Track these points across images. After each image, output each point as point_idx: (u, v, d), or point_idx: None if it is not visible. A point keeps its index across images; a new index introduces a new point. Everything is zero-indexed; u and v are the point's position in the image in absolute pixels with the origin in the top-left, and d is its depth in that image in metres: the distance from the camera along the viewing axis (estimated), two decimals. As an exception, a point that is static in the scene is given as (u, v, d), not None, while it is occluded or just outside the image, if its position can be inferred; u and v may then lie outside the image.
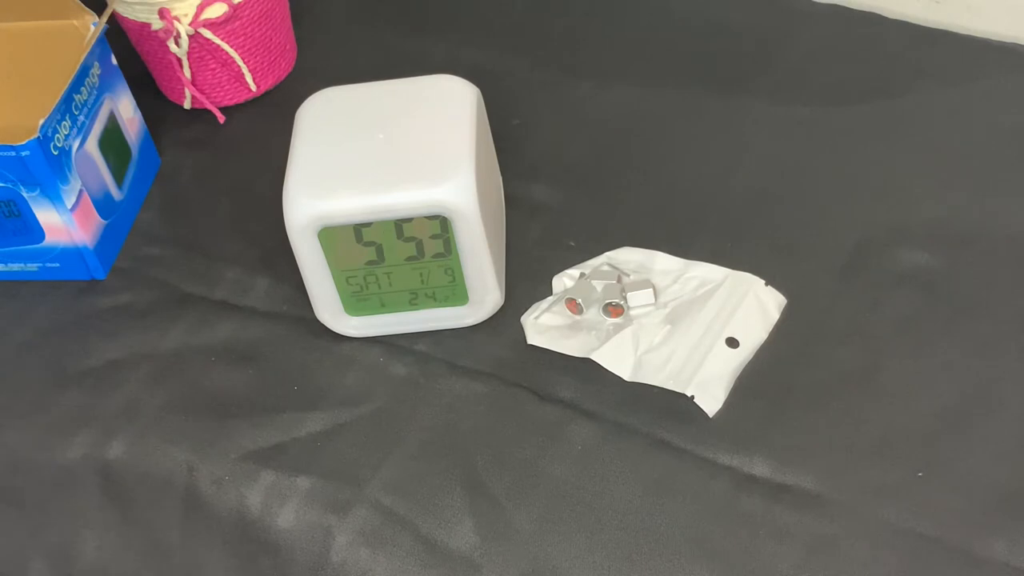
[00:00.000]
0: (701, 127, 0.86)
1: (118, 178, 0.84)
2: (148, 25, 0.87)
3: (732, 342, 0.71)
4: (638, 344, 0.72)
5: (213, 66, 0.90)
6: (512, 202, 0.82)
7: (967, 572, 0.62)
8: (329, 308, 0.74)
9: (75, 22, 0.84)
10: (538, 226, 0.80)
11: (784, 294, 0.74)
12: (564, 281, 0.76)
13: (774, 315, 0.73)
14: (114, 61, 0.83)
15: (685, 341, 0.71)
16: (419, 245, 0.71)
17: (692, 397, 0.69)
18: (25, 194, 0.76)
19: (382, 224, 0.70)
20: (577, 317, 0.74)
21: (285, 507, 0.69)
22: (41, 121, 0.74)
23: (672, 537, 0.64)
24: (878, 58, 0.89)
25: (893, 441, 0.67)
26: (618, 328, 0.73)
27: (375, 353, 0.75)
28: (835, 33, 0.91)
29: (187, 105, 0.92)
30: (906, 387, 0.69)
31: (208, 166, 0.89)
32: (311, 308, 0.75)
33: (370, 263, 0.72)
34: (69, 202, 0.77)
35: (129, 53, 0.91)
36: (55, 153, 0.75)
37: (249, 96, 0.93)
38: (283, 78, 0.94)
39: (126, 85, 0.85)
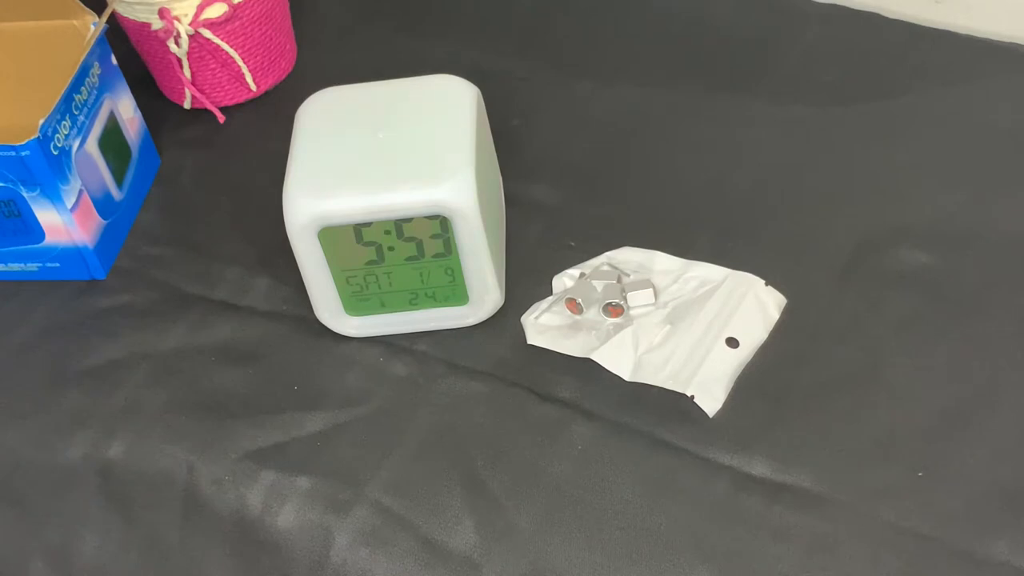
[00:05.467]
0: (701, 127, 0.86)
1: (118, 178, 0.84)
2: (148, 25, 0.87)
3: (732, 342, 0.71)
4: (638, 344, 0.72)
5: (213, 66, 0.90)
6: (512, 202, 0.82)
7: (967, 572, 0.62)
8: (329, 308, 0.74)
9: (75, 22, 0.84)
10: (538, 226, 0.80)
11: (784, 294, 0.74)
12: (564, 281, 0.76)
13: (774, 315, 0.73)
14: (114, 61, 0.83)
15: (685, 341, 0.71)
16: (419, 245, 0.71)
17: (692, 397, 0.69)
18: (25, 194, 0.76)
19: (382, 224, 0.70)
20: (577, 317, 0.74)
21: (285, 507, 0.69)
22: (41, 121, 0.74)
23: (672, 537, 0.64)
24: (878, 58, 0.89)
25: (893, 441, 0.67)
26: (618, 328, 0.73)
27: (375, 353, 0.75)
28: (835, 33, 0.91)
29: (187, 105, 0.92)
30: (906, 387, 0.69)
31: (208, 166, 0.89)
32: (311, 308, 0.75)
33: (370, 263, 0.72)
34: (69, 202, 0.77)
35: (129, 53, 0.91)
36: (55, 153, 0.75)
37: (249, 96, 0.93)
38: (283, 78, 0.95)
39: (126, 85, 0.85)
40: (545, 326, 0.74)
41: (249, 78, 0.91)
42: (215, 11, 0.87)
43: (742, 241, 0.77)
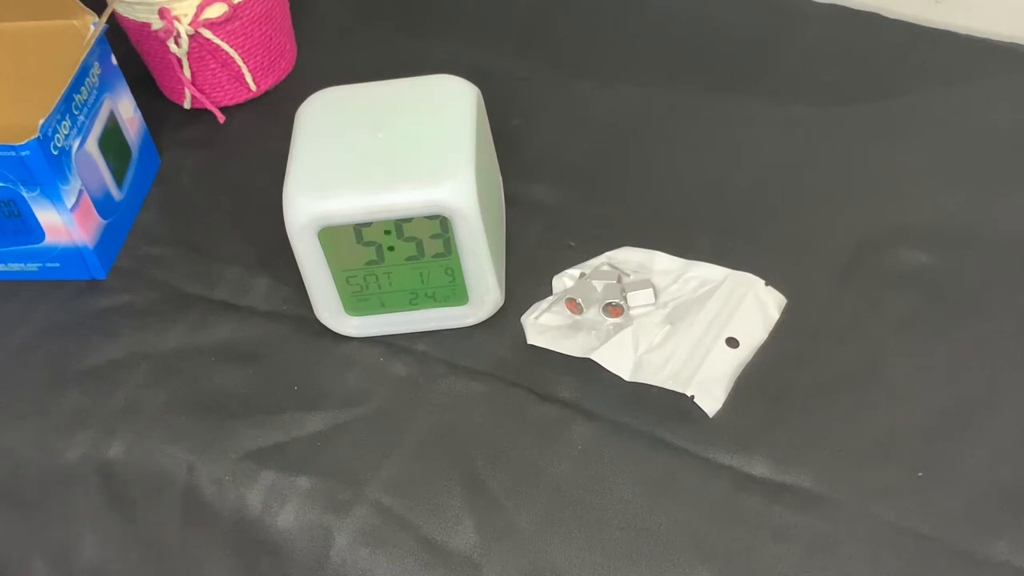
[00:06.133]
0: (701, 127, 0.86)
1: (118, 178, 0.84)
2: (148, 25, 0.87)
3: (732, 342, 0.71)
4: (638, 344, 0.72)
5: (213, 66, 0.90)
6: (512, 202, 0.82)
7: (967, 572, 0.62)
8: (329, 308, 0.74)
9: (75, 22, 0.84)
10: (538, 226, 0.80)
11: (784, 294, 0.74)
12: (564, 281, 0.76)
13: (774, 315, 0.73)
14: (114, 61, 0.83)
15: (685, 341, 0.71)
16: (419, 245, 0.71)
17: (692, 397, 0.69)
18: (25, 194, 0.76)
19: (382, 224, 0.70)
20: (577, 317, 0.74)
21: (285, 507, 0.69)
22: (41, 121, 0.74)
23: (672, 537, 0.64)
24: (878, 58, 0.89)
25: (893, 441, 0.67)
26: (618, 328, 0.73)
27: (375, 353, 0.75)
28: (835, 33, 0.91)
29: (187, 105, 0.92)
30: (906, 387, 0.69)
31: (208, 166, 0.89)
32: (311, 308, 0.75)
33: (370, 263, 0.72)
34: (69, 202, 0.77)
35: (129, 53, 0.91)
36: (55, 153, 0.75)
37: (249, 96, 0.93)
38: (283, 78, 0.95)
39: (126, 85, 0.85)
40: (545, 326, 0.74)
41: (249, 78, 0.91)
42: (215, 11, 0.87)
43: (742, 241, 0.77)
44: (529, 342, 0.74)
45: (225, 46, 0.88)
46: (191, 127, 0.92)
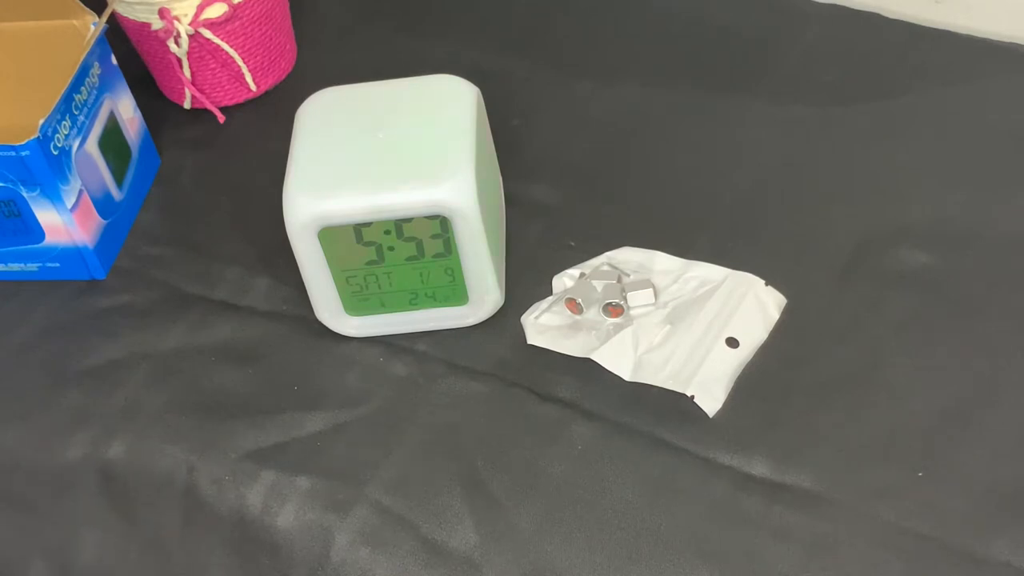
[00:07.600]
0: (701, 127, 0.86)
1: (118, 178, 0.84)
2: (148, 25, 0.87)
3: (732, 342, 0.71)
4: (638, 344, 0.72)
5: (213, 66, 0.90)
6: (512, 202, 0.82)
7: (967, 572, 0.62)
8: (329, 308, 0.74)
9: (75, 22, 0.84)
10: (538, 226, 0.80)
11: (784, 294, 0.74)
12: (564, 281, 0.76)
13: (774, 315, 0.73)
14: (114, 61, 0.83)
15: (685, 341, 0.71)
16: (419, 245, 0.71)
17: (692, 397, 0.69)
18: (25, 194, 0.76)
19: (382, 224, 0.70)
20: (577, 317, 0.74)
21: (285, 507, 0.69)
22: (41, 121, 0.74)
23: (672, 537, 0.64)
24: (878, 58, 0.89)
25: (893, 441, 0.67)
26: (618, 328, 0.73)
27: (375, 353, 0.75)
28: (835, 33, 0.91)
29: (187, 105, 0.92)
30: (906, 387, 0.69)
31: (208, 166, 0.89)
32: (311, 308, 0.75)
33: (370, 263, 0.72)
34: (69, 202, 0.77)
35: (129, 53, 0.91)
36: (55, 153, 0.75)
37: (249, 96, 0.93)
38: (283, 78, 0.95)
39: (126, 85, 0.85)
40: (545, 326, 0.74)
41: (249, 78, 0.91)
42: (215, 11, 0.87)
43: (742, 241, 0.77)
44: (529, 342, 0.74)
45: (225, 46, 0.88)
46: (191, 127, 0.92)
